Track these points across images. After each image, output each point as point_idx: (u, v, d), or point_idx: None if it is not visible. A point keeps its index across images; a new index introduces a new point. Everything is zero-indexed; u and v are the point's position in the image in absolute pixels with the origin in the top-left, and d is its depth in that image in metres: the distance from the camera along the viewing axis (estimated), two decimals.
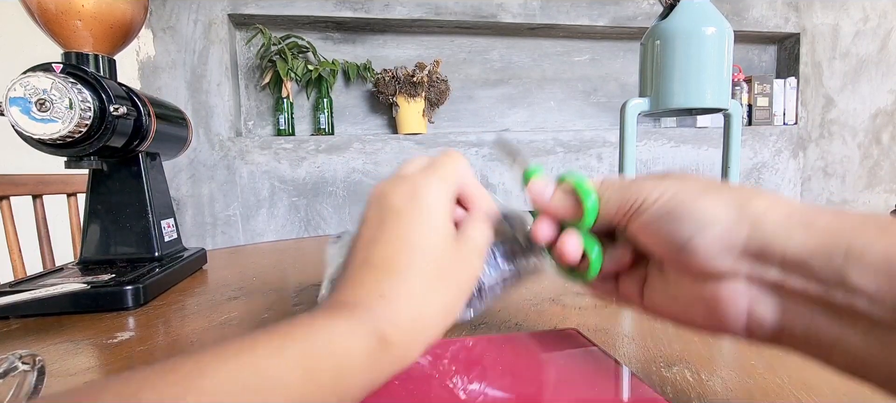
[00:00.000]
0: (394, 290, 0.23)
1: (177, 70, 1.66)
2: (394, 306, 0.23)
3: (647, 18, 1.91)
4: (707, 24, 0.43)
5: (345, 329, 0.21)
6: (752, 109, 2.02)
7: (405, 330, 0.23)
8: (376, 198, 0.26)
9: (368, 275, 0.24)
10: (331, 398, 0.20)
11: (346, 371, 0.20)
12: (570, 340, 0.30)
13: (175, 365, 0.17)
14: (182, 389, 0.16)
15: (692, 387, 0.26)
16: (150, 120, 0.55)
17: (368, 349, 0.21)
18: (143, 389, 0.16)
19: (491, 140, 1.84)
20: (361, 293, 0.24)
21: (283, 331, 0.20)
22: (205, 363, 0.17)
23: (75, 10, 0.50)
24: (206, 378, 0.17)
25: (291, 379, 0.18)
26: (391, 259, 0.24)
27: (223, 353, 0.18)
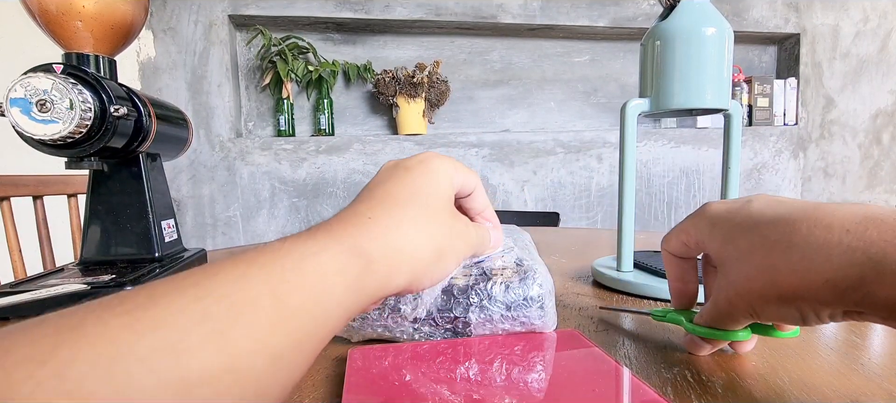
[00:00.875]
0: (384, 214, 0.23)
1: (177, 71, 1.66)
2: (381, 226, 0.23)
3: (647, 19, 1.91)
4: (707, 25, 0.43)
5: (319, 248, 0.20)
6: (753, 110, 2.02)
7: (389, 248, 0.22)
8: (389, 162, 0.28)
9: (362, 204, 0.24)
10: (306, 320, 0.18)
11: (321, 293, 0.19)
12: (570, 341, 0.30)
13: (126, 296, 0.15)
14: (132, 318, 0.14)
15: (692, 388, 0.26)
16: (150, 120, 0.55)
17: (346, 267, 0.20)
18: (87, 320, 0.14)
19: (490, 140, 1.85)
20: (347, 215, 0.23)
21: (248, 258, 0.18)
22: (159, 293, 0.15)
23: (76, 11, 0.50)
24: (160, 308, 0.15)
25: (259, 303, 0.16)
26: (390, 193, 0.25)
27: (180, 283, 0.16)
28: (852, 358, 0.30)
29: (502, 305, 0.31)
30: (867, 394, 0.25)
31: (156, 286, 0.16)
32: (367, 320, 0.31)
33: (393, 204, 0.24)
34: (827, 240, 0.20)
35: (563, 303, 0.42)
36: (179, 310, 0.15)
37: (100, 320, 0.14)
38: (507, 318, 0.31)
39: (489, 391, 0.24)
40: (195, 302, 0.15)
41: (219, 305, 0.15)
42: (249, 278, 0.17)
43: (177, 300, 0.15)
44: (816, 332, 0.34)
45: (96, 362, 0.12)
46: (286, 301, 0.17)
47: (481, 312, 0.30)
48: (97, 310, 0.14)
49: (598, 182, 1.94)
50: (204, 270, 0.17)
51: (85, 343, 0.13)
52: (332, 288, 0.19)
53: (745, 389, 0.26)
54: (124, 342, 0.13)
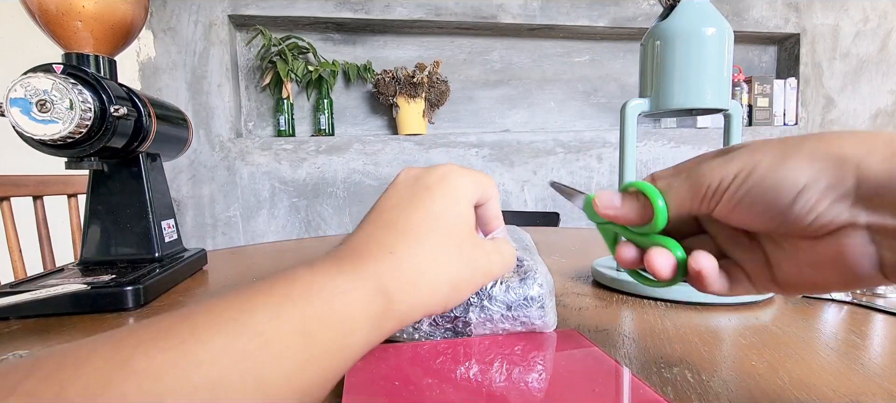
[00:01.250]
0: (405, 248, 0.24)
1: (177, 71, 1.66)
2: (401, 261, 0.23)
3: (647, 19, 1.91)
4: (707, 25, 0.43)
5: (348, 286, 0.21)
6: (753, 110, 2.02)
7: (409, 287, 0.23)
8: (408, 174, 0.28)
9: (383, 233, 0.25)
10: (332, 358, 0.19)
11: (348, 331, 0.20)
12: (570, 341, 0.30)
13: (169, 328, 0.16)
14: (176, 355, 0.15)
15: (693, 388, 0.26)
16: (150, 120, 0.55)
17: (372, 307, 0.21)
18: (135, 356, 0.15)
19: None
20: (371, 247, 0.24)
21: (281, 291, 0.19)
22: (199, 325, 0.16)
23: (76, 11, 0.50)
24: (201, 343, 0.16)
25: (291, 342, 0.18)
26: (410, 222, 0.25)
27: (219, 316, 0.17)
28: (852, 358, 0.30)
29: (502, 305, 0.31)
30: (867, 394, 0.25)
31: (197, 317, 0.17)
32: None
33: (414, 238, 0.25)
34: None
35: (562, 303, 0.42)
36: (220, 350, 0.16)
37: (147, 356, 0.15)
38: (507, 318, 0.31)
39: (489, 391, 0.24)
40: (234, 340, 0.16)
41: (254, 343, 0.17)
42: (283, 316, 0.18)
43: (217, 337, 0.16)
44: (817, 332, 0.34)
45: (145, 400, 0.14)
46: (317, 338, 0.19)
47: (481, 312, 0.30)
48: (144, 345, 0.15)
49: (598, 182, 1.94)
50: (241, 302, 0.18)
51: (134, 381, 0.14)
52: (357, 328, 0.21)
53: (745, 389, 0.26)
54: (170, 381, 0.14)
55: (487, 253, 0.28)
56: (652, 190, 0.24)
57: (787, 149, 0.20)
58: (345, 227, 1.78)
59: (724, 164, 0.21)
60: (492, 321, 0.31)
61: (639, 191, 0.25)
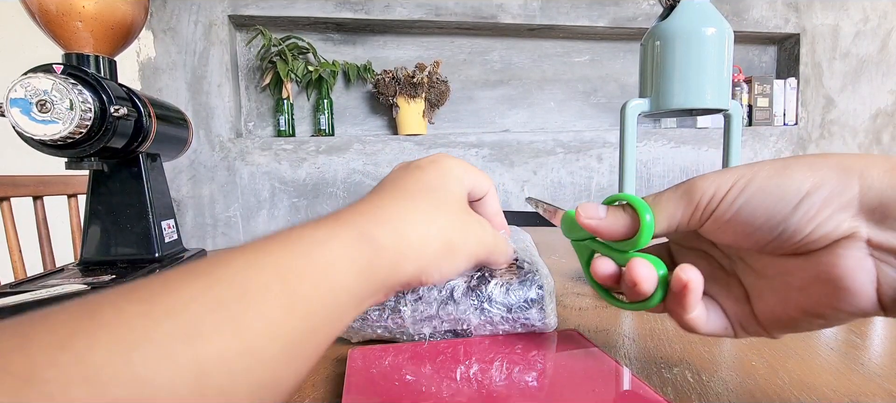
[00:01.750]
0: (394, 203, 0.23)
1: (177, 71, 1.66)
2: (389, 213, 0.22)
3: (646, 19, 1.91)
4: (707, 25, 0.43)
5: (326, 234, 0.20)
6: (753, 110, 2.02)
7: (399, 236, 0.22)
8: (400, 164, 0.28)
9: (373, 196, 0.24)
10: (317, 307, 0.18)
11: (331, 279, 0.19)
12: (570, 341, 0.30)
13: (142, 285, 0.15)
14: (147, 306, 0.14)
15: (693, 388, 0.26)
16: (150, 121, 0.55)
17: (355, 253, 0.20)
18: (103, 307, 0.14)
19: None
20: (357, 205, 0.23)
21: (258, 246, 0.18)
22: (174, 280, 0.15)
23: (76, 12, 0.50)
24: (173, 293, 0.15)
25: (269, 289, 0.17)
26: (401, 186, 0.25)
27: (192, 271, 0.16)
28: (852, 358, 0.30)
29: (502, 307, 0.31)
30: (867, 394, 0.25)
31: (169, 274, 0.16)
32: (368, 321, 0.31)
33: (402, 196, 0.24)
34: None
35: (562, 304, 0.42)
36: (192, 298, 0.15)
37: (115, 307, 0.14)
38: (507, 320, 0.31)
39: (489, 391, 0.24)
40: (208, 289, 0.15)
41: (231, 291, 0.16)
42: (259, 266, 0.17)
43: (190, 287, 0.15)
44: (817, 332, 0.34)
45: (114, 348, 0.13)
46: (296, 287, 0.17)
47: (481, 314, 0.30)
48: (113, 298, 0.14)
49: (598, 182, 1.94)
50: (216, 258, 0.17)
51: (103, 330, 0.13)
52: (342, 276, 0.19)
53: (745, 389, 0.26)
54: (140, 328, 0.13)
55: (480, 223, 0.27)
56: (641, 202, 0.23)
57: (786, 162, 0.20)
58: None
59: (720, 176, 0.21)
60: (492, 323, 0.31)
61: (627, 203, 0.24)
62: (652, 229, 0.23)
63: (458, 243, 0.25)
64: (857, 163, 0.18)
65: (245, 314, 0.15)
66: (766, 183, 0.20)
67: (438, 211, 0.25)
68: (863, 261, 0.18)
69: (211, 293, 0.15)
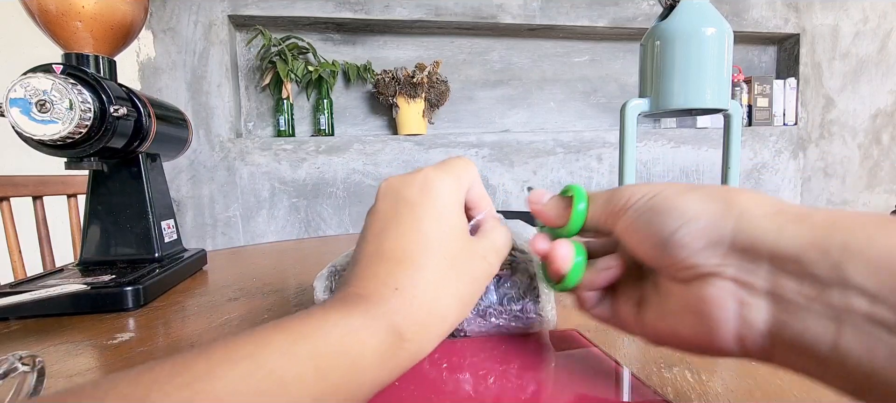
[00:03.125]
0: (408, 282, 0.23)
1: (177, 71, 1.66)
2: (408, 298, 0.23)
3: (646, 19, 1.91)
4: (707, 25, 0.43)
5: (359, 324, 0.21)
6: (752, 110, 2.02)
7: (420, 324, 0.23)
8: (387, 190, 0.26)
9: (381, 267, 0.24)
10: (343, 396, 0.19)
11: (360, 369, 0.20)
12: (570, 341, 0.30)
13: (185, 365, 0.16)
14: (192, 392, 0.15)
15: (692, 388, 0.26)
16: (150, 121, 0.55)
17: (383, 346, 0.21)
18: (152, 393, 0.15)
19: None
20: (375, 285, 0.23)
21: (295, 329, 0.19)
22: (215, 362, 0.17)
23: (75, 12, 0.50)
24: (217, 380, 0.16)
25: (304, 379, 0.18)
26: (404, 249, 0.24)
27: (234, 353, 0.17)
28: None
29: (497, 302, 0.30)
30: None
31: (213, 353, 0.17)
32: None
33: (413, 268, 0.24)
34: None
35: (562, 304, 0.42)
36: (235, 386, 0.16)
37: (164, 393, 0.15)
38: (502, 313, 0.30)
39: (489, 391, 0.24)
40: (249, 376, 0.17)
41: (269, 380, 0.17)
42: (295, 354, 0.18)
43: (231, 373, 0.17)
44: None
45: None
46: (328, 376, 0.19)
47: (475, 309, 0.30)
48: (160, 382, 0.16)
49: (598, 182, 1.94)
50: (256, 339, 0.18)
51: None
52: (368, 365, 0.21)
53: (745, 389, 0.26)
54: None
55: (483, 257, 0.27)
56: (579, 193, 0.25)
57: (694, 188, 0.21)
58: (344, 227, 1.78)
59: (643, 187, 0.22)
60: (486, 318, 0.30)
61: (569, 193, 0.26)
62: (581, 218, 0.25)
63: (470, 296, 0.26)
64: (744, 202, 0.19)
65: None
66: (663, 202, 0.21)
67: (448, 273, 0.25)
68: (725, 301, 0.19)
69: (251, 382, 0.17)
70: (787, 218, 0.18)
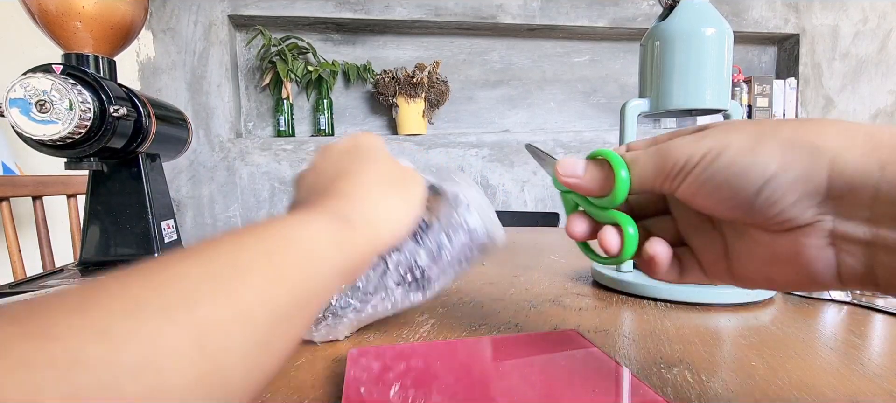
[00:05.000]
0: (350, 187, 0.26)
1: (177, 71, 1.66)
2: (354, 199, 0.25)
3: (646, 19, 1.91)
4: (707, 25, 0.43)
5: (306, 217, 0.22)
6: (752, 110, 2.02)
7: (366, 217, 0.25)
8: (320, 151, 0.31)
9: (329, 184, 0.27)
10: (302, 281, 0.19)
11: (315, 256, 0.21)
12: (570, 341, 0.30)
13: (140, 266, 0.17)
14: (148, 280, 0.16)
15: (692, 388, 0.26)
16: (150, 121, 0.55)
17: (332, 227, 0.22)
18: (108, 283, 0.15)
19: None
20: (321, 196, 0.26)
21: (243, 230, 0.20)
22: (170, 260, 0.17)
23: (75, 12, 0.50)
24: (171, 271, 0.17)
25: (257, 262, 0.18)
26: (348, 170, 0.28)
27: (188, 251, 0.18)
28: (852, 358, 0.30)
29: (441, 233, 0.32)
30: (867, 394, 0.25)
31: (165, 256, 0.18)
32: (338, 316, 0.32)
33: (355, 178, 0.27)
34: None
35: (562, 304, 0.42)
36: (187, 273, 0.17)
37: (120, 282, 0.16)
38: (453, 241, 0.32)
39: (488, 391, 0.24)
40: (201, 265, 0.17)
41: (222, 267, 0.18)
42: (246, 245, 0.19)
43: (184, 264, 0.17)
44: (817, 332, 0.34)
45: (123, 313, 0.14)
46: (281, 263, 0.19)
47: (425, 250, 0.32)
48: (116, 275, 0.16)
49: None
50: (205, 242, 0.19)
51: (112, 300, 0.15)
52: (324, 252, 0.21)
53: (745, 389, 0.26)
54: (144, 298, 0.15)
55: (413, 177, 0.30)
56: (617, 159, 0.23)
57: (762, 132, 0.19)
58: None
59: (695, 142, 0.20)
60: (440, 251, 0.32)
61: (604, 159, 0.24)
62: (627, 186, 0.23)
63: (412, 196, 0.29)
64: (834, 142, 0.17)
65: (236, 285, 0.17)
66: (735, 158, 0.19)
67: (388, 181, 0.28)
68: (823, 251, 0.18)
69: (205, 268, 0.17)
70: (888, 151, 0.16)
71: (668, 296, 0.42)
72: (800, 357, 0.30)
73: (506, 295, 0.45)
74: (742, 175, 0.18)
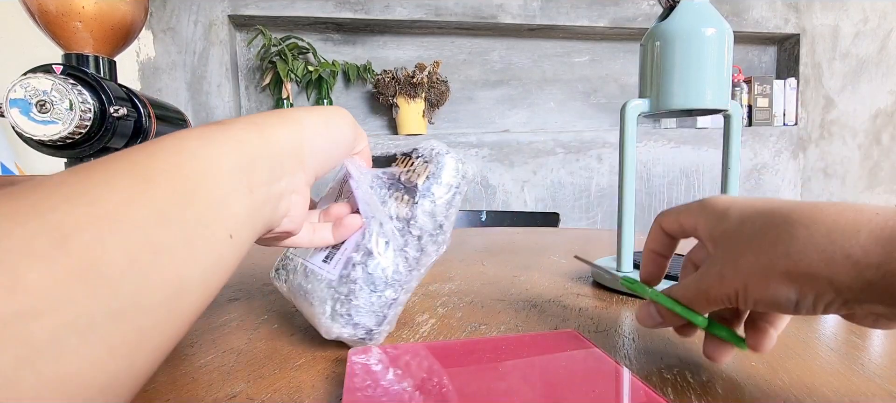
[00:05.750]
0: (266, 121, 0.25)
1: (177, 71, 1.66)
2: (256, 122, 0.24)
3: (646, 19, 1.91)
4: (707, 25, 0.43)
5: (185, 136, 0.21)
6: (753, 110, 2.02)
7: (256, 120, 0.24)
8: None
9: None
10: (179, 177, 0.18)
11: (186, 150, 0.19)
12: (570, 341, 0.30)
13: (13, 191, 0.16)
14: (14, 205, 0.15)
15: (693, 388, 0.26)
16: (150, 121, 0.55)
17: (213, 128, 0.21)
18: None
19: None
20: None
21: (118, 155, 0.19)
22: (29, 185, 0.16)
23: (76, 12, 0.50)
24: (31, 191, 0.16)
25: (120, 171, 0.17)
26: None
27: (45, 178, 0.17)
28: (852, 358, 0.30)
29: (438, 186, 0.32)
30: (867, 394, 0.25)
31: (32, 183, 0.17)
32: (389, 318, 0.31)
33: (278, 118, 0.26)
34: (856, 220, 0.20)
35: (562, 304, 0.42)
36: (33, 188, 0.16)
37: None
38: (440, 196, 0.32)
39: (488, 391, 0.24)
40: (48, 181, 0.16)
41: (73, 177, 0.17)
42: (99, 161, 0.18)
43: (30, 183, 0.16)
44: (816, 332, 0.34)
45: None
46: (147, 165, 0.18)
47: (422, 211, 0.31)
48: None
49: (598, 182, 1.94)
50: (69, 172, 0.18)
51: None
52: (195, 149, 0.20)
53: (744, 389, 0.26)
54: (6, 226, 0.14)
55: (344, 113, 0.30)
56: (690, 315, 0.26)
57: (764, 270, 0.22)
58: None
59: (720, 284, 0.24)
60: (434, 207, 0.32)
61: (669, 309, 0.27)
62: (705, 323, 0.27)
63: (328, 110, 0.29)
64: (822, 270, 0.20)
65: (95, 188, 0.16)
66: (761, 295, 0.22)
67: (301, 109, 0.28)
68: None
69: (52, 181, 0.16)
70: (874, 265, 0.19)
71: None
72: (800, 358, 0.30)
73: (506, 295, 0.45)
74: (775, 303, 0.22)
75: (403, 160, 0.34)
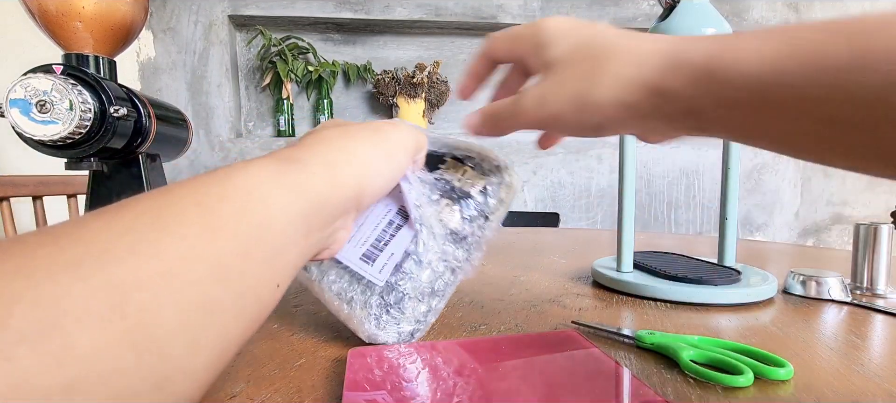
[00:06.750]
0: (308, 139, 0.25)
1: (177, 71, 1.66)
2: (306, 145, 0.24)
3: (646, 19, 1.91)
4: (707, 26, 0.43)
5: (246, 163, 0.20)
6: None
7: (323, 158, 0.23)
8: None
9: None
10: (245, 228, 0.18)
11: (257, 198, 0.19)
12: (570, 341, 0.30)
13: (50, 227, 0.15)
14: (52, 239, 0.14)
15: (692, 388, 0.26)
16: (150, 121, 0.55)
17: (280, 170, 0.20)
18: (13, 246, 0.14)
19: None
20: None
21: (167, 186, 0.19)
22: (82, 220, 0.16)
23: (76, 12, 0.50)
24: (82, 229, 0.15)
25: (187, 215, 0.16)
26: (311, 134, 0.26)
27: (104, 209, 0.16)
28: (852, 358, 0.30)
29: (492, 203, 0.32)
30: (867, 394, 0.25)
31: (88, 214, 0.16)
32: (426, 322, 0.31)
33: (314, 135, 0.26)
34: (650, 49, 0.23)
35: (562, 304, 0.42)
36: (101, 228, 0.15)
37: (22, 243, 0.14)
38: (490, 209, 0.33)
39: (489, 391, 0.24)
40: (117, 220, 0.15)
41: (142, 219, 0.16)
42: (175, 197, 0.17)
43: (98, 221, 0.15)
44: (817, 332, 0.34)
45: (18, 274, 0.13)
46: (215, 209, 0.17)
47: (473, 223, 0.32)
48: (30, 234, 0.15)
49: (598, 182, 1.94)
50: (134, 197, 0.17)
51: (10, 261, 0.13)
52: (269, 194, 0.19)
53: (744, 389, 0.26)
54: (45, 256, 0.13)
55: (392, 120, 0.30)
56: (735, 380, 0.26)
57: (581, 98, 0.24)
58: None
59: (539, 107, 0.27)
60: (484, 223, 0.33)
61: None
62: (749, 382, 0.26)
63: (389, 138, 0.27)
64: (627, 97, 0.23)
65: (159, 237, 0.15)
66: (574, 121, 0.26)
67: (356, 130, 0.26)
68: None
69: (120, 223, 0.15)
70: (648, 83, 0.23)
71: (668, 296, 0.42)
72: (800, 357, 0.30)
73: (506, 295, 0.45)
74: (582, 130, 0.26)
75: (454, 165, 0.34)
